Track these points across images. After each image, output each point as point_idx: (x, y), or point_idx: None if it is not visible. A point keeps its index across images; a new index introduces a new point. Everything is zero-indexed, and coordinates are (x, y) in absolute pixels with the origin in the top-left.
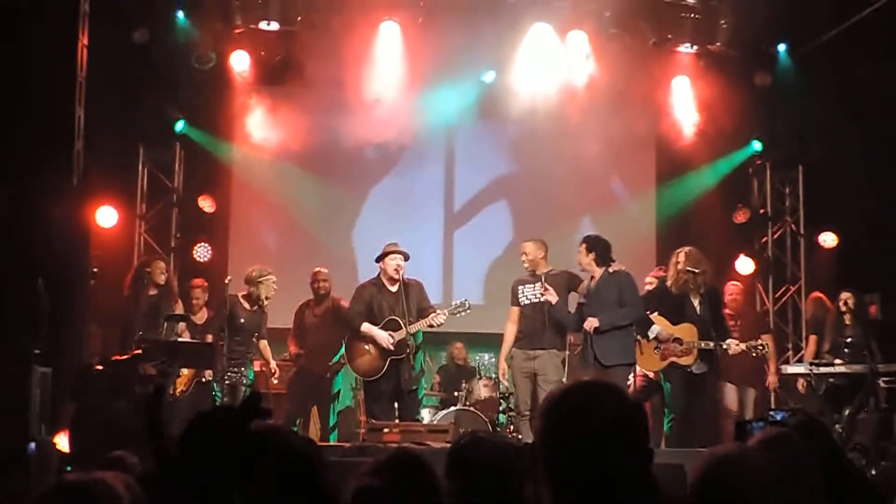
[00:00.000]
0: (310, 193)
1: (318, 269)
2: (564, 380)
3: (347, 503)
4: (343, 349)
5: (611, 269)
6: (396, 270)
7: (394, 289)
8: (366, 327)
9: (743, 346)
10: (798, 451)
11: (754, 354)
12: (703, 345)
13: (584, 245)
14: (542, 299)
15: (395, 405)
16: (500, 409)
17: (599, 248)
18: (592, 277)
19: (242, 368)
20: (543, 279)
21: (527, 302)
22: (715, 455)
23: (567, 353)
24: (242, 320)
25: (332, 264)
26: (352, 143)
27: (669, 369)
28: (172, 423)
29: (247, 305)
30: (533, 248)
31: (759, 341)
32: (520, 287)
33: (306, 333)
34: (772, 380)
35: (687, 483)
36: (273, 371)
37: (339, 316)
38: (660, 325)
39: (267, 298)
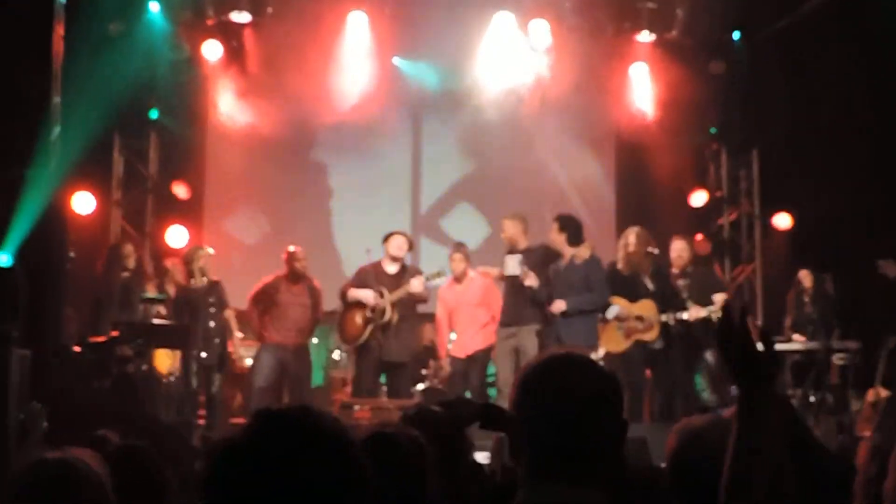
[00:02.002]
0: (281, 177)
1: (295, 247)
2: None
3: None
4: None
5: (585, 256)
6: (399, 248)
7: (392, 270)
8: (351, 291)
9: (703, 311)
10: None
11: (715, 319)
12: (663, 318)
13: (556, 224)
14: (519, 273)
15: (382, 379)
16: None
17: (572, 227)
18: (563, 257)
19: (212, 348)
20: (521, 262)
21: (507, 274)
22: (688, 428)
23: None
24: (199, 301)
25: (305, 246)
26: (321, 129)
27: (633, 349)
28: (158, 404)
29: (194, 284)
30: (510, 226)
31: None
32: (507, 258)
33: (282, 309)
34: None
35: (649, 455)
36: (231, 350)
37: (314, 296)
38: (619, 305)
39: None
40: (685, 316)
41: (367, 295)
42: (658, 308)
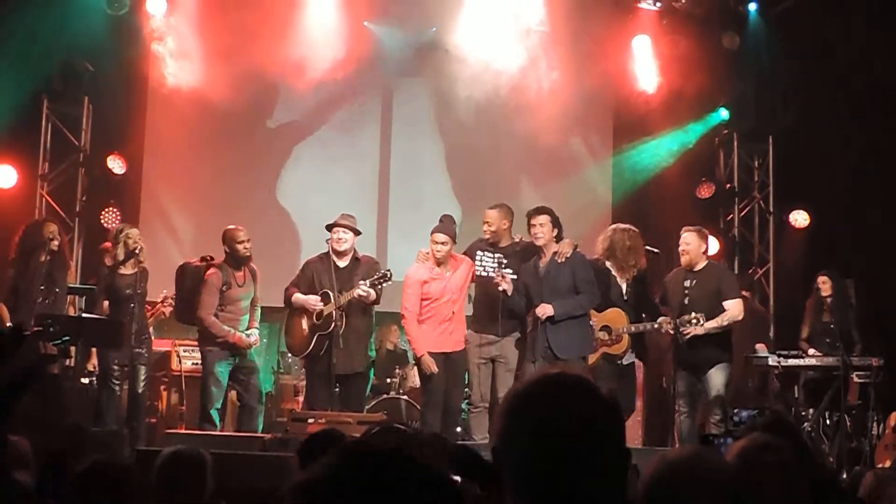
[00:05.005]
0: (232, 153)
1: (237, 226)
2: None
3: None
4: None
5: (567, 252)
6: (339, 242)
7: (342, 264)
8: (296, 297)
9: (669, 327)
10: (785, 461)
11: (685, 332)
12: (633, 329)
13: (547, 217)
14: (493, 274)
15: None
16: None
17: (559, 222)
18: (542, 256)
19: (141, 346)
20: (499, 264)
21: (484, 273)
22: (667, 460)
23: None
24: (128, 290)
25: (258, 230)
26: (279, 97)
27: (600, 363)
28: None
29: (124, 270)
30: (496, 217)
31: (693, 315)
32: (479, 252)
33: (233, 306)
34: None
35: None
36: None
37: (256, 282)
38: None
39: (137, 254)
40: (656, 325)
41: (310, 301)
42: (629, 319)
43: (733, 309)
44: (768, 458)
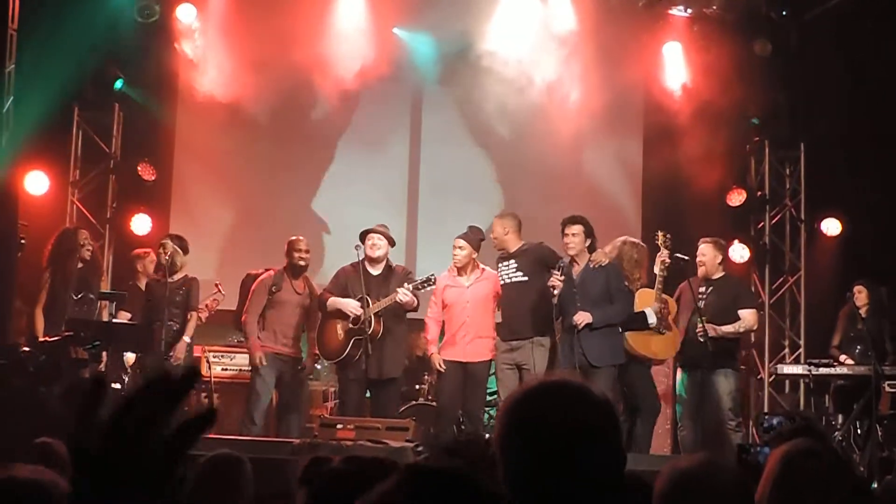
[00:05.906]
0: (261, 160)
1: (299, 237)
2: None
3: None
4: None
5: (602, 261)
6: (373, 248)
7: (375, 272)
8: (332, 300)
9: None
10: (829, 468)
11: (699, 330)
12: (659, 285)
13: (581, 227)
14: (513, 280)
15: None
16: None
17: (593, 232)
18: (575, 264)
19: (173, 352)
20: (559, 269)
21: (501, 282)
22: (679, 469)
23: (553, 339)
24: (162, 299)
25: (283, 236)
26: (308, 105)
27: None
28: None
29: (161, 278)
30: (498, 226)
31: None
32: (499, 264)
33: (281, 311)
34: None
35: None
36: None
37: (313, 299)
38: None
39: (173, 265)
40: (682, 258)
41: (350, 305)
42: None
43: (749, 318)
44: (813, 465)
